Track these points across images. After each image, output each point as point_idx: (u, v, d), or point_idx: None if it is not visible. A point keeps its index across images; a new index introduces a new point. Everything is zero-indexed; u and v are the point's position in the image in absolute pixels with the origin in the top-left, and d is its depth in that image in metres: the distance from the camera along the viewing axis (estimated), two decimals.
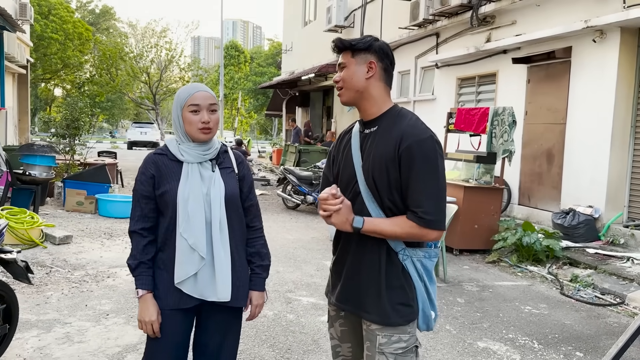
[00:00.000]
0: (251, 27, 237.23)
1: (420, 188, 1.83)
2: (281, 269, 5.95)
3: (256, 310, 2.25)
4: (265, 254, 2.28)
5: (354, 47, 1.94)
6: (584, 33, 7.53)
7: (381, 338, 1.91)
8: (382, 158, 1.87)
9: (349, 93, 1.97)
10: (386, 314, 1.90)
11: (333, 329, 2.14)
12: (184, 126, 2.09)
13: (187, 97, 2.08)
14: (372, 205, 1.91)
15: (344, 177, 2.01)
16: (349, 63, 1.95)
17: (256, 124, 47.40)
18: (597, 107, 7.44)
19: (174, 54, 39.30)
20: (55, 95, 42.33)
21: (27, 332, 3.83)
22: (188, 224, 2.03)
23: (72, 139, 10.29)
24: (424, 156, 1.83)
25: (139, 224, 2.09)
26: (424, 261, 1.94)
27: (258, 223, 2.29)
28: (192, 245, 2.03)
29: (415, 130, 1.87)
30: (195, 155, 2.09)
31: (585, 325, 4.63)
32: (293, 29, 21.42)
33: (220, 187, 2.09)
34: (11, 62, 15.61)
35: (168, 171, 2.09)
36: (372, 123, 1.97)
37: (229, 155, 2.22)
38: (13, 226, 6.05)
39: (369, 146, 1.94)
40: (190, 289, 2.05)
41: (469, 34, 10.29)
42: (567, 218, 7.25)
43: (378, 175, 1.88)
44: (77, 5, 46.32)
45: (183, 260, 2.04)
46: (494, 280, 5.97)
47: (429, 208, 1.83)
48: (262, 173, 17.64)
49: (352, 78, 1.94)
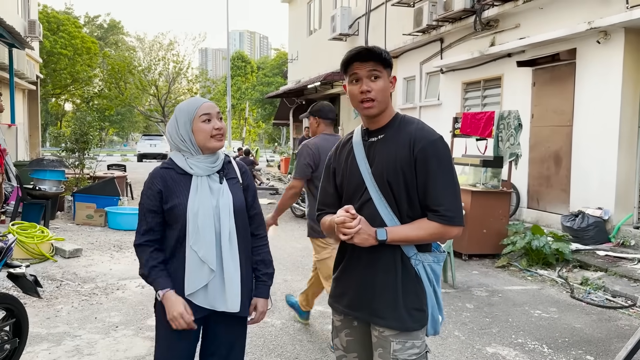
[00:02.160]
0: (258, 38, 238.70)
1: (439, 187, 1.88)
2: (289, 277, 5.96)
3: (260, 317, 2.27)
4: (270, 262, 2.31)
5: (386, 61, 1.94)
6: (588, 34, 7.51)
7: (395, 344, 1.91)
8: (396, 162, 1.91)
9: (381, 106, 1.96)
10: (403, 319, 1.91)
11: (338, 339, 2.13)
12: (194, 138, 2.11)
13: (196, 108, 2.12)
14: (385, 210, 1.92)
15: (351, 186, 2.02)
16: (383, 76, 1.95)
17: (264, 133, 47.60)
18: (604, 108, 7.40)
19: (181, 67, 39.61)
20: (66, 110, 42.81)
21: (37, 346, 3.86)
22: (198, 236, 2.05)
23: (81, 153, 10.40)
24: (438, 156, 1.89)
25: (145, 237, 2.12)
26: (433, 265, 1.96)
27: (262, 231, 2.31)
28: (203, 257, 2.05)
29: (425, 133, 1.93)
30: (204, 168, 2.13)
31: (596, 329, 4.59)
32: (298, 38, 21.54)
33: (229, 199, 2.12)
34: (21, 78, 15.84)
35: (176, 185, 2.11)
36: (378, 132, 1.99)
37: (232, 165, 2.25)
38: (24, 241, 6.12)
39: (378, 153, 1.96)
40: (201, 300, 2.08)
41: (473, 39, 10.30)
42: (576, 220, 7.19)
43: (394, 179, 1.91)
44: (85, 20, 46.94)
45: (193, 272, 2.07)
46: (503, 285, 5.93)
47: (449, 205, 1.88)
48: (271, 182, 17.68)
49: (385, 92, 1.95)
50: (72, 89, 35.42)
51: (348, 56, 1.97)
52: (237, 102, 42.42)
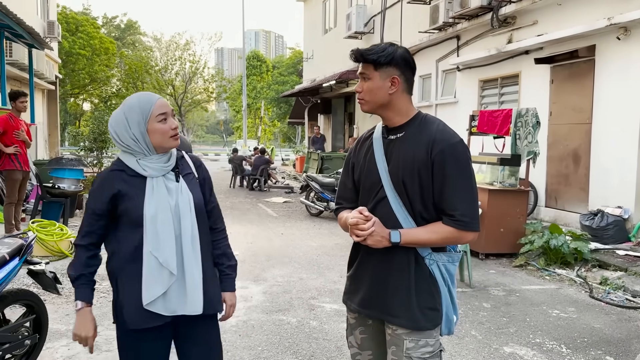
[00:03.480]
0: (273, 37, 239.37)
1: (455, 191, 1.86)
2: (304, 275, 5.97)
3: (230, 310, 2.21)
4: (232, 254, 2.24)
5: (376, 62, 1.92)
6: (607, 31, 7.40)
7: (408, 342, 1.90)
8: (414, 162, 1.88)
9: (371, 105, 1.97)
10: (415, 318, 1.90)
11: (352, 337, 2.12)
12: (149, 139, 1.99)
13: (151, 107, 1.99)
14: (400, 209, 1.91)
15: (367, 182, 2.00)
16: (372, 76, 1.93)
17: (279, 132, 47.72)
18: (623, 105, 7.28)
19: (198, 66, 39.87)
20: (84, 109, 43.33)
21: (56, 342, 3.92)
22: (158, 241, 1.95)
23: (99, 152, 10.53)
24: (456, 160, 1.86)
25: (86, 240, 2.02)
26: (447, 265, 1.94)
27: (221, 224, 2.24)
28: (163, 262, 1.94)
29: (446, 135, 1.89)
30: (158, 168, 2.01)
31: (615, 329, 4.52)
32: (313, 37, 21.54)
33: (188, 197, 2.03)
34: (40, 78, 16.08)
35: (129, 188, 1.99)
36: (398, 129, 1.97)
37: (186, 160, 2.15)
38: (43, 238, 6.21)
39: (396, 151, 1.94)
40: (160, 307, 1.97)
41: (490, 36, 10.21)
42: (595, 219, 7.09)
43: (409, 180, 1.88)
44: (103, 21, 47.47)
45: (151, 279, 1.95)
46: (520, 284, 5.87)
47: (465, 210, 1.86)
48: (286, 181, 17.72)
49: (375, 93, 1.94)
50: (90, 88, 35.83)
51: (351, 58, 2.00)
52: (253, 101, 42.58)
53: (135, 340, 2.03)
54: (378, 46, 1.94)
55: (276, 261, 6.64)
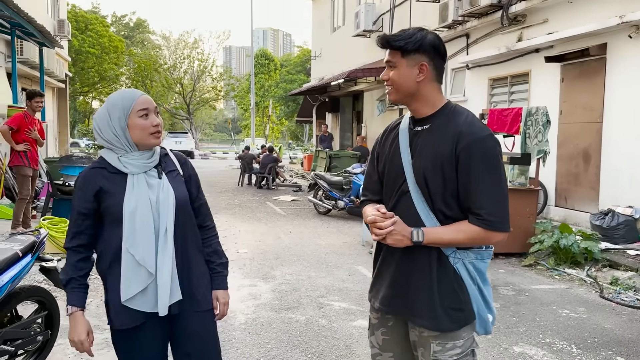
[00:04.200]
0: (281, 35, 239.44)
1: (481, 188, 1.75)
2: (313, 274, 5.97)
3: (224, 308, 2.18)
4: (222, 252, 2.22)
5: (403, 49, 1.83)
6: (619, 29, 7.34)
7: (435, 346, 1.84)
8: (437, 157, 1.79)
9: (399, 95, 1.88)
10: (439, 320, 1.82)
11: (374, 337, 2.04)
12: (129, 135, 1.96)
13: (132, 102, 1.96)
14: (422, 205, 1.83)
15: (391, 175, 1.93)
16: (399, 64, 1.84)
17: (287, 130, 47.75)
18: (635, 104, 7.22)
19: (206, 65, 39.99)
20: (94, 107, 43.60)
21: (68, 338, 3.94)
22: (134, 238, 1.92)
23: None
24: (484, 155, 1.76)
25: (75, 242, 1.99)
26: (476, 263, 1.85)
27: (210, 222, 2.21)
28: (140, 260, 1.92)
29: (473, 128, 1.78)
30: (140, 165, 1.98)
31: (626, 329, 4.49)
32: (322, 35, 21.53)
33: (169, 193, 2.00)
34: (51, 77, 16.19)
35: (110, 185, 1.97)
36: (425, 120, 1.88)
37: (170, 158, 2.13)
38: (54, 235, 6.25)
39: (421, 144, 1.86)
40: (140, 304, 1.94)
41: (499, 34, 10.15)
42: (606, 219, 7.05)
43: (431, 175, 1.80)
44: (112, 19, 47.70)
45: (129, 277, 1.93)
46: (530, 284, 5.85)
47: (492, 209, 1.76)
48: (294, 179, 17.74)
49: (402, 81, 1.85)
50: (100, 87, 36.04)
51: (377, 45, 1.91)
52: (261, 99, 42.63)
53: (128, 340, 2.02)
54: (406, 31, 1.85)
55: (285, 259, 6.65)
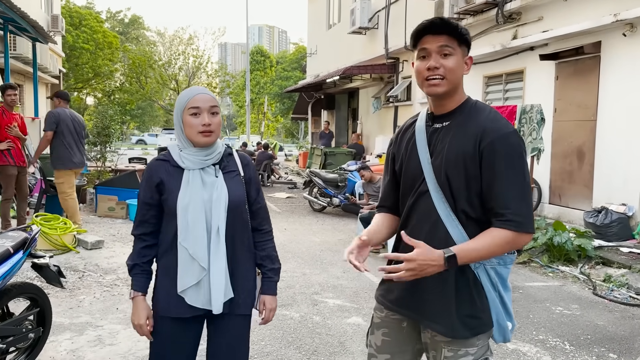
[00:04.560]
0: (277, 32, 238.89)
1: (506, 187, 1.67)
2: (307, 271, 5.97)
3: (270, 314, 2.18)
4: (276, 257, 2.23)
5: (462, 37, 1.74)
6: (613, 27, 7.35)
7: (447, 351, 1.78)
8: (460, 155, 1.71)
9: (449, 85, 1.75)
10: (454, 327, 1.74)
11: (373, 336, 1.98)
12: (184, 130, 2.03)
13: (187, 100, 2.01)
14: (442, 205, 1.74)
15: (408, 175, 1.85)
16: (456, 52, 1.74)
17: (282, 127, 47.69)
18: (629, 103, 7.25)
19: (201, 61, 39.87)
20: (88, 104, 43.41)
21: (60, 335, 3.93)
22: (187, 232, 1.97)
23: (103, 147, 10.53)
24: (508, 152, 1.68)
25: (139, 229, 2.08)
26: (498, 269, 1.76)
27: (267, 226, 2.22)
28: (192, 254, 1.97)
29: (497, 124, 1.71)
30: (196, 161, 2.02)
31: (619, 326, 4.51)
32: (317, 32, 21.49)
33: (223, 193, 2.01)
34: (44, 72, 16.10)
35: (170, 178, 2.03)
36: (445, 117, 1.80)
37: (233, 158, 2.14)
38: (47, 232, 6.22)
39: (441, 142, 1.77)
40: (193, 299, 2.00)
41: (494, 32, 10.16)
42: (599, 217, 7.08)
43: (454, 174, 1.72)
44: (107, 15, 47.46)
45: (184, 269, 1.99)
46: (524, 281, 5.86)
47: (518, 209, 1.66)
48: (289, 176, 17.72)
49: (457, 70, 1.75)
50: (94, 83, 35.85)
51: (419, 28, 1.76)
52: (256, 96, 42.55)
53: (166, 327, 2.05)
54: (453, 20, 1.78)
55: (279, 256, 6.64)
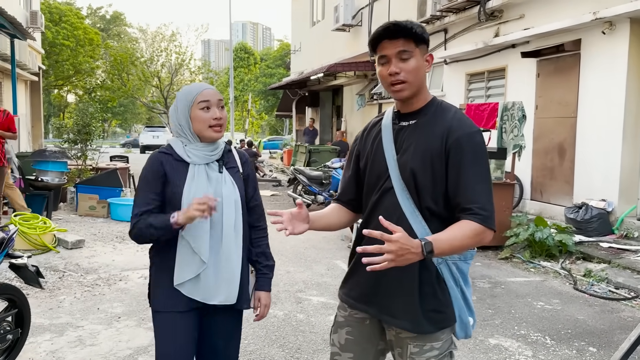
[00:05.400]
0: (261, 29, 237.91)
1: (472, 183, 1.70)
2: (292, 268, 5.96)
3: (265, 310, 2.22)
4: (270, 254, 2.26)
5: (418, 37, 1.74)
6: (593, 25, 7.44)
7: (412, 347, 1.79)
8: (427, 152, 1.74)
9: (412, 88, 1.77)
10: (418, 322, 1.76)
11: (337, 335, 1.97)
12: (192, 125, 2.03)
13: (196, 94, 2.02)
14: (407, 202, 1.76)
15: (374, 172, 1.86)
16: (415, 54, 1.75)
17: (267, 125, 47.56)
18: (608, 100, 7.34)
19: (184, 58, 39.50)
20: (69, 101, 42.82)
21: (40, 336, 3.87)
22: (192, 227, 1.98)
23: (83, 145, 10.40)
24: (474, 150, 1.73)
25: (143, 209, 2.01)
26: (459, 264, 1.79)
27: (263, 223, 2.25)
28: (195, 248, 1.98)
29: (463, 124, 1.76)
30: (202, 156, 2.04)
31: (598, 320, 4.57)
32: (301, 29, 21.44)
33: (234, 188, 2.06)
34: (23, 69, 15.81)
35: (174, 172, 2.03)
36: (411, 115, 1.83)
37: (233, 154, 2.18)
38: (26, 232, 6.12)
39: (407, 139, 1.80)
40: (190, 291, 2.01)
41: (477, 29, 10.22)
42: (579, 212, 7.17)
43: (421, 171, 1.74)
44: (87, 11, 46.82)
45: (183, 262, 2.00)
46: (506, 277, 5.92)
47: (485, 204, 1.69)
48: (274, 174, 17.67)
49: (418, 72, 1.76)
50: (75, 80, 35.36)
51: (375, 34, 1.76)
52: (240, 93, 42.34)
53: (169, 324, 2.05)
54: (406, 22, 1.76)
55: None
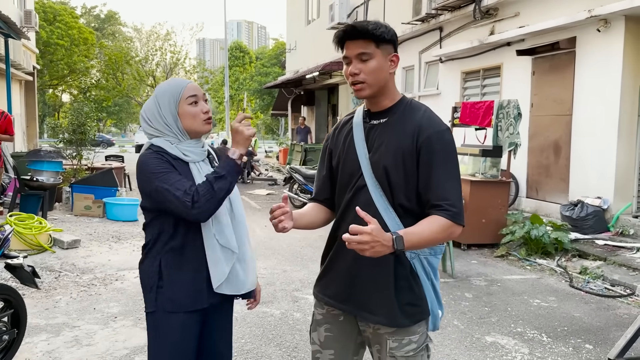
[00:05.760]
0: (256, 28, 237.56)
1: (443, 180, 1.76)
2: (288, 267, 5.95)
3: (259, 296, 2.24)
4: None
5: (379, 38, 1.76)
6: (588, 23, 7.46)
7: (391, 342, 1.82)
8: (398, 150, 1.78)
9: (373, 89, 1.81)
10: (395, 316, 1.80)
11: (316, 333, 2.00)
12: (181, 122, 1.95)
13: (182, 89, 1.95)
14: (381, 199, 1.80)
15: (346, 170, 1.89)
16: (374, 54, 1.77)
17: (262, 123, 47.51)
18: (603, 97, 7.37)
19: (179, 57, 39.41)
20: (63, 101, 42.64)
21: (36, 337, 3.86)
22: (220, 224, 1.96)
23: (78, 144, 10.36)
24: (444, 148, 1.77)
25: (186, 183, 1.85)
26: (430, 258, 1.84)
27: None
28: (224, 244, 1.96)
29: (432, 122, 1.80)
30: (198, 152, 1.99)
31: (594, 318, 4.59)
32: (296, 28, 21.42)
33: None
34: (18, 69, 15.73)
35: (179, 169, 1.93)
36: (382, 114, 1.86)
37: (210, 150, 2.16)
38: (21, 232, 6.09)
39: (378, 138, 1.83)
40: (226, 287, 1.98)
41: (472, 27, 10.24)
42: (575, 210, 7.19)
43: (393, 169, 1.78)
44: (82, 11, 46.63)
45: (216, 262, 1.95)
46: (502, 274, 5.93)
47: (455, 201, 1.75)
48: (269, 173, 17.66)
49: (379, 73, 1.79)
50: (69, 80, 35.21)
51: (336, 35, 1.81)
52: (235, 92, 42.28)
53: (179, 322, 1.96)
54: (371, 22, 1.79)
55: (260, 253, 6.62)
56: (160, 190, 1.84)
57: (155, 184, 1.86)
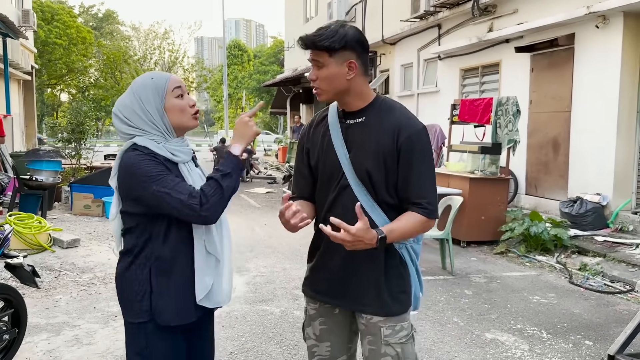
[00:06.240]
0: (254, 26, 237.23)
1: (422, 179, 1.84)
2: (288, 265, 5.96)
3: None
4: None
5: (329, 48, 1.79)
6: (586, 19, 7.46)
7: (385, 330, 1.89)
8: (379, 150, 1.83)
9: (329, 94, 1.87)
10: (387, 304, 1.88)
11: (311, 328, 2.06)
12: (168, 118, 1.80)
13: (166, 82, 1.80)
14: (365, 198, 1.85)
15: (327, 170, 1.92)
16: (327, 63, 1.81)
17: (261, 122, 47.50)
18: (602, 94, 7.37)
19: (177, 55, 39.37)
20: (62, 100, 42.57)
21: (36, 336, 3.86)
22: (210, 231, 1.83)
23: (77, 144, 10.36)
24: (422, 147, 1.85)
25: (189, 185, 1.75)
26: (414, 246, 1.95)
27: None
28: (212, 252, 1.83)
29: (411, 121, 1.86)
30: (186, 151, 1.86)
31: (594, 314, 4.60)
32: (295, 26, 21.39)
33: None
34: (16, 68, 15.71)
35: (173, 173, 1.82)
36: (357, 114, 1.89)
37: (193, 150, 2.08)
38: (21, 231, 6.09)
39: (357, 138, 1.87)
40: (207, 301, 1.84)
41: (470, 24, 10.23)
42: (574, 206, 7.20)
43: (374, 168, 1.83)
44: (80, 10, 46.54)
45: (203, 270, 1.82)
46: (501, 271, 5.94)
47: (431, 199, 1.85)
48: (268, 171, 17.66)
49: (332, 81, 1.83)
50: (68, 79, 35.18)
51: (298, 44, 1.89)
52: (234, 91, 42.27)
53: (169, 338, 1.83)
54: (327, 29, 1.81)
55: (259, 252, 6.62)
56: (159, 195, 1.69)
57: (152, 188, 1.70)
